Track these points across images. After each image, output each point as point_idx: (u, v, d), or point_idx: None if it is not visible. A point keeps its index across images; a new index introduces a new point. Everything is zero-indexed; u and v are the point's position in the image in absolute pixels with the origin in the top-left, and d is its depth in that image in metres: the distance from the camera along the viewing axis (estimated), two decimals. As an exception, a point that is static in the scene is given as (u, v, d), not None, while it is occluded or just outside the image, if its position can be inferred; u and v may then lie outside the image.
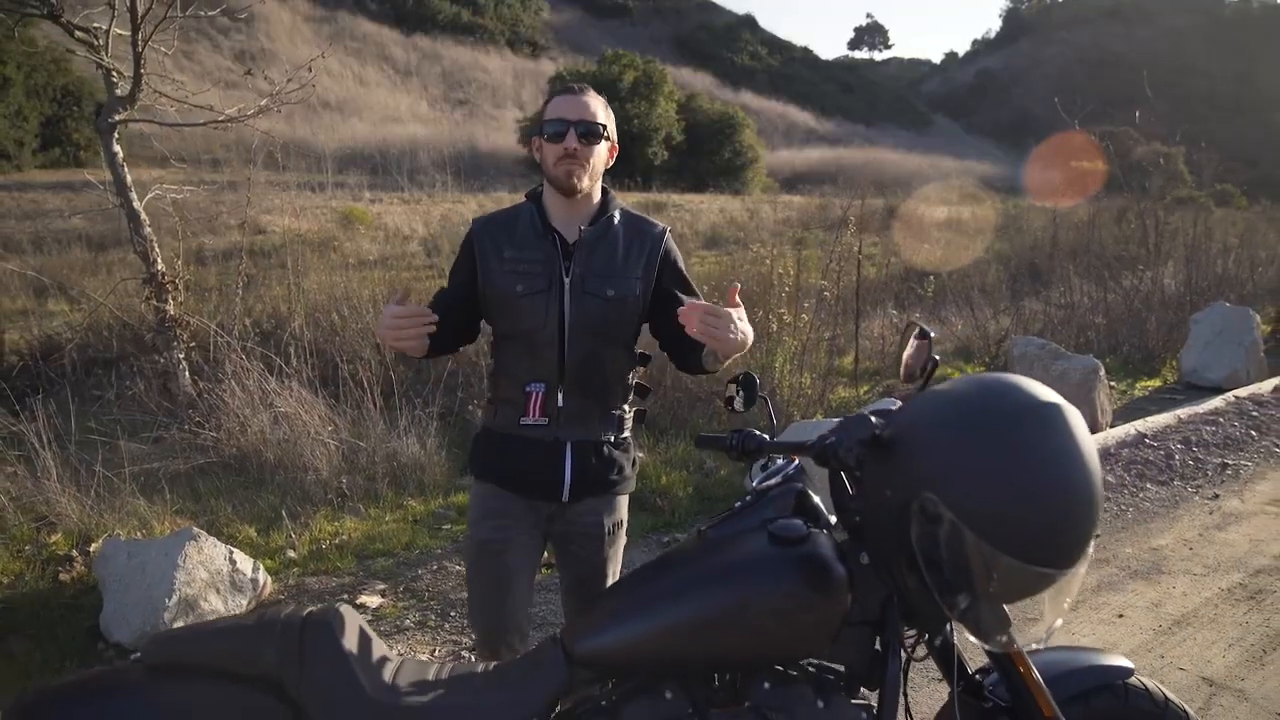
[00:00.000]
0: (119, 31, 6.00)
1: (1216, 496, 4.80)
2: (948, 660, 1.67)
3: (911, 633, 1.64)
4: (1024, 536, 1.25)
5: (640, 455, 2.59)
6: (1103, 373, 5.85)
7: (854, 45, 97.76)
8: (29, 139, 26.33)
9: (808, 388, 5.72)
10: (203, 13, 6.75)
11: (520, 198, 2.26)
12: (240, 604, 3.55)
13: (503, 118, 42.71)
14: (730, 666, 1.53)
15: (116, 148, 6.05)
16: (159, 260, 6.17)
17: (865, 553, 1.55)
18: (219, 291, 7.78)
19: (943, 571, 1.31)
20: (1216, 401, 6.50)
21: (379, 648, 1.58)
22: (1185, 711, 1.76)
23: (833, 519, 1.65)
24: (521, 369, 2.11)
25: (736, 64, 64.64)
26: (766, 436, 1.86)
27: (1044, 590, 1.34)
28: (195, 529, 3.54)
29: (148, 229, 6.13)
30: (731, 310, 1.84)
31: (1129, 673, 1.74)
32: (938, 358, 1.61)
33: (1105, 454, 5.35)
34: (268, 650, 1.46)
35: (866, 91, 69.64)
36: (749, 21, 73.96)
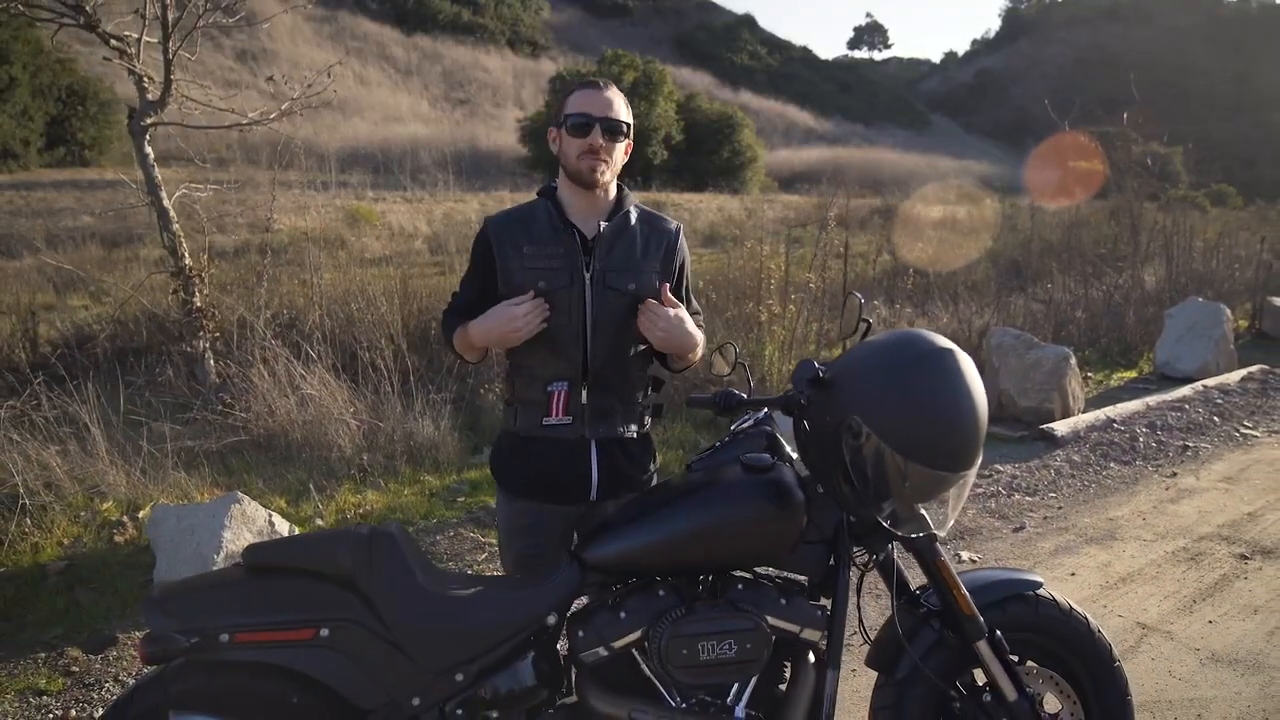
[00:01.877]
0: (148, 39, 6.39)
1: (1174, 475, 5.18)
2: (890, 575, 2.05)
3: (862, 551, 2.02)
4: (924, 446, 1.65)
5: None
6: (1073, 361, 6.23)
7: (853, 45, 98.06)
8: (34, 138, 26.70)
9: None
10: (227, 22, 7.12)
11: (522, 197, 2.40)
12: (279, 563, 3.93)
13: (503, 117, 43.06)
14: (711, 569, 1.92)
15: (148, 149, 6.44)
16: (186, 254, 6.56)
17: (820, 483, 1.93)
18: (240, 285, 8.15)
19: (867, 479, 1.70)
20: (1185, 390, 6.89)
21: (428, 559, 1.97)
22: (1086, 619, 2.15)
23: (795, 456, 2.04)
24: (543, 368, 2.12)
25: (736, 64, 64.94)
26: (744, 395, 2.25)
27: (945, 490, 1.73)
28: (239, 494, 3.92)
29: (176, 225, 6.52)
30: (668, 309, 2.06)
31: (1038, 585, 2.13)
32: (869, 319, 2.00)
33: (1075, 436, 5.74)
34: (343, 554, 1.84)
35: (865, 91, 69.96)
36: (748, 21, 74.23)
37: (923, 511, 1.83)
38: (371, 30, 50.89)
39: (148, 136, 6.43)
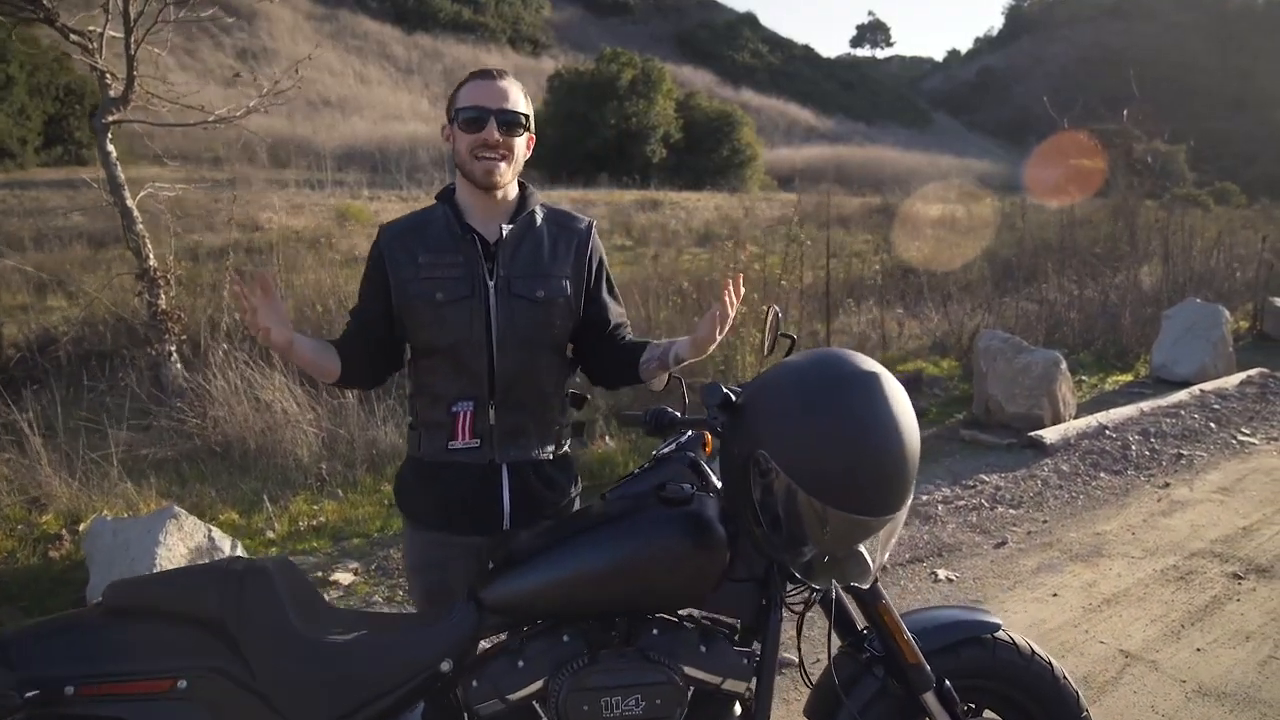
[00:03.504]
0: (113, 34, 6.19)
1: (1167, 485, 4.97)
2: (830, 614, 1.85)
3: (799, 589, 1.82)
4: (840, 486, 1.43)
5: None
6: (1064, 366, 6.02)
7: (856, 43, 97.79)
8: (32, 137, 26.55)
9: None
10: (195, 16, 6.92)
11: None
12: (219, 580, 3.73)
13: (504, 115, 42.84)
14: (625, 612, 1.72)
15: (110, 147, 6.25)
16: (151, 256, 6.37)
17: (735, 521, 1.72)
18: (212, 287, 7.97)
19: (779, 521, 1.49)
20: (1181, 395, 6.67)
21: (312, 595, 1.77)
22: (1050, 663, 1.94)
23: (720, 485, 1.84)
24: (446, 387, 1.96)
25: (737, 62, 64.73)
26: (678, 414, 2.05)
27: (868, 536, 1.52)
28: (176, 508, 3.73)
29: (140, 225, 6.34)
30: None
31: (996, 627, 1.92)
32: (794, 336, 1.79)
33: (1065, 444, 5.53)
34: (210, 593, 1.64)
35: (867, 89, 69.72)
36: (750, 19, 74.06)
37: (862, 551, 1.62)
38: (372, 29, 50.68)
39: (110, 134, 6.25)
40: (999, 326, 7.98)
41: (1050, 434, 5.58)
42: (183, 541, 3.64)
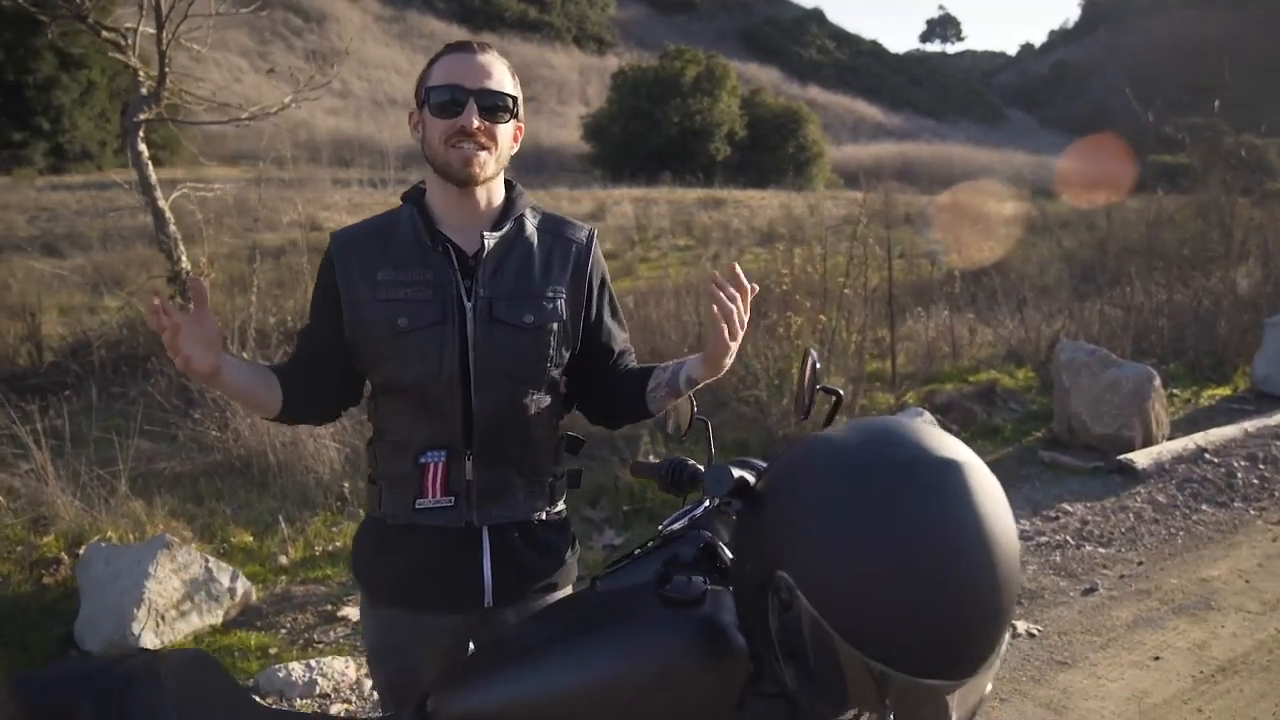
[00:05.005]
0: (147, 30, 6.00)
1: (1281, 520, 4.39)
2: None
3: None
4: (898, 639, 0.96)
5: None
6: (1158, 382, 5.43)
7: (925, 38, 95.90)
8: (110, 139, 27.28)
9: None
10: (233, 12, 6.71)
11: (582, 195, 1.79)
12: (217, 615, 3.44)
13: (567, 114, 42.93)
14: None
15: (141, 146, 6.07)
16: (183, 258, 6.18)
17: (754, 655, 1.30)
18: (258, 289, 7.79)
19: (809, 671, 1.04)
20: (1289, 413, 6.01)
21: (234, 697, 1.40)
22: None
23: None
24: (412, 433, 1.60)
25: (804, 58, 63.97)
26: (700, 467, 1.65)
27: (939, 699, 1.05)
28: (169, 536, 3.44)
29: (172, 227, 6.14)
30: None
31: None
32: (839, 390, 1.35)
33: (1159, 470, 4.96)
34: (85, 703, 1.29)
35: (937, 84, 68.28)
36: (817, 15, 73.15)
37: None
38: (439, 29, 51.18)
39: (141, 133, 6.06)
40: (1080, 334, 7.37)
41: (1142, 458, 5.01)
42: (176, 573, 3.34)
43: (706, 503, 1.48)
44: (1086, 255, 11.72)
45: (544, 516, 1.69)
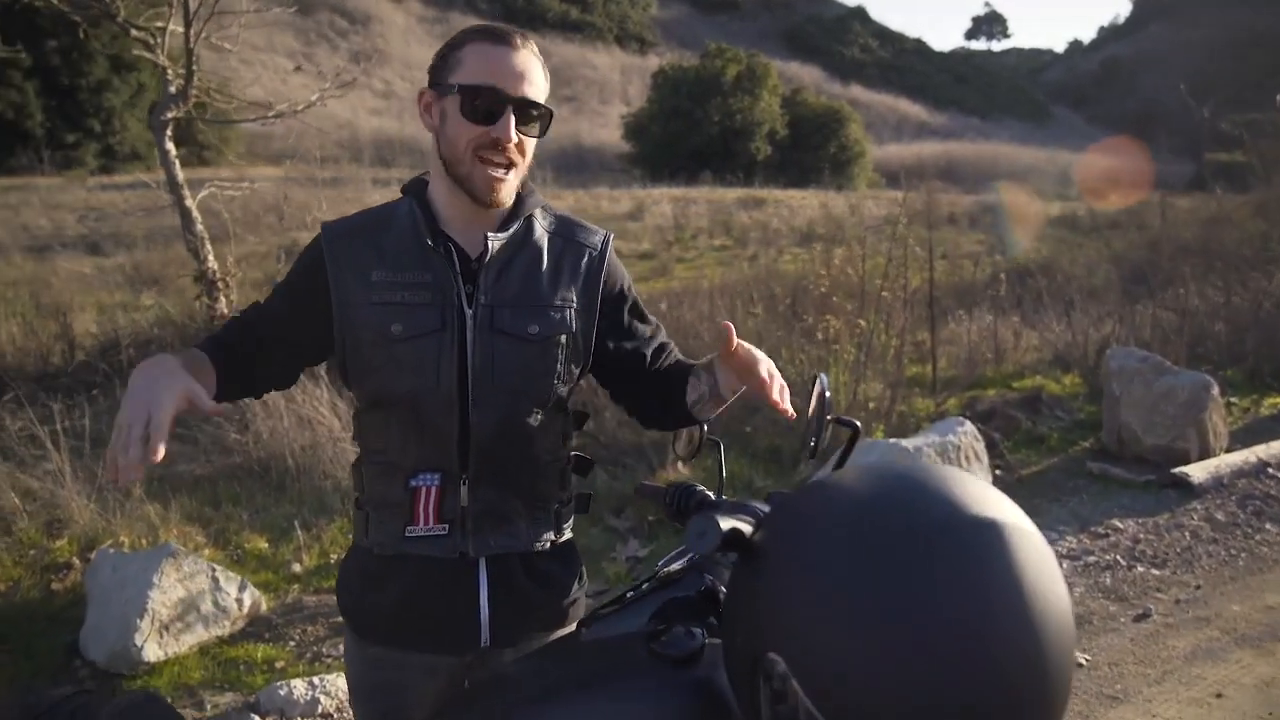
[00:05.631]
0: (175, 28, 5.97)
1: (1350, 540, 4.10)
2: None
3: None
4: None
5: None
6: (1215, 390, 5.14)
7: (971, 35, 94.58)
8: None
9: (873, 399, 5.22)
10: (265, 8, 6.67)
11: (621, 195, 1.61)
12: (224, 626, 3.33)
13: (608, 114, 42.96)
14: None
15: (169, 145, 6.04)
16: (210, 258, 6.13)
17: None
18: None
19: None
20: (1357, 424, 5.68)
21: None
22: None
23: None
24: (403, 453, 1.45)
25: (846, 57, 63.41)
26: (709, 494, 1.48)
27: None
28: (174, 545, 3.34)
29: (199, 226, 6.10)
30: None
31: None
32: (857, 424, 1.15)
33: (1217, 485, 4.68)
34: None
35: (982, 83, 67.29)
36: (860, 13, 72.47)
37: None
38: (480, 29, 51.37)
39: (168, 132, 6.02)
40: (1131, 339, 7.07)
41: (1198, 471, 4.74)
42: (181, 583, 3.24)
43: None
44: (1137, 256, 11.34)
45: (548, 546, 1.53)
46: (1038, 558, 0.79)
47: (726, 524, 0.90)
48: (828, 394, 1.08)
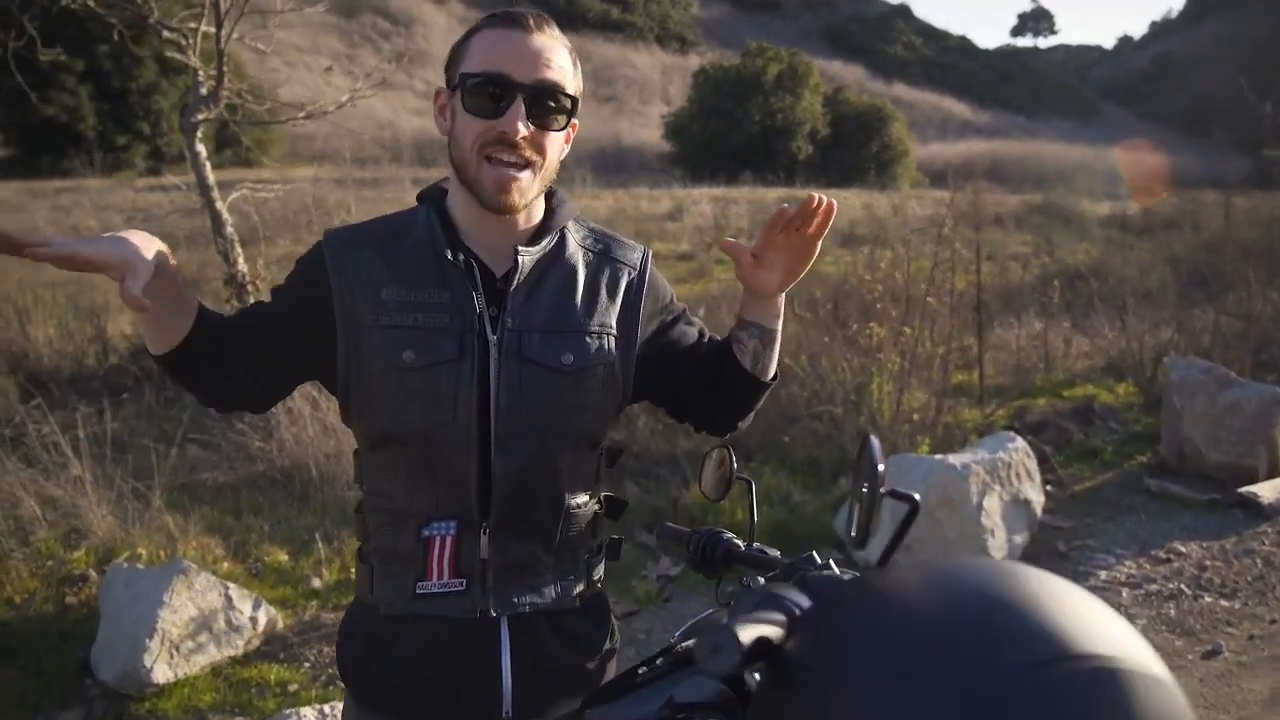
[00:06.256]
0: (208, 29, 5.90)
1: None
2: None
3: None
4: None
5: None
6: (1286, 403, 4.84)
7: (1017, 32, 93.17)
8: (206, 141, 28.24)
9: (917, 409, 4.99)
10: (297, 8, 6.60)
11: (661, 196, 1.45)
12: (237, 645, 3.22)
13: (649, 113, 42.87)
14: None
15: (200, 146, 5.98)
16: (240, 260, 6.07)
17: None
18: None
19: None
20: None
21: None
22: None
23: None
24: (414, 498, 1.27)
25: (889, 55, 62.79)
26: (740, 543, 1.29)
27: None
28: (186, 562, 3.23)
29: (229, 229, 6.04)
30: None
31: None
32: (915, 498, 0.92)
33: (1286, 504, 4.40)
34: None
35: (1028, 80, 66.23)
36: (904, 11, 71.75)
37: None
38: (520, 30, 51.60)
39: (199, 134, 5.96)
40: (1190, 347, 6.75)
41: (1269, 491, 4.45)
42: (193, 601, 3.13)
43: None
44: (1194, 258, 10.92)
45: (576, 602, 1.36)
46: (1171, 711, 0.57)
47: (748, 634, 0.71)
48: (880, 463, 0.86)
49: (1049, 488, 4.66)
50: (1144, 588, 3.63)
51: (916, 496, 0.77)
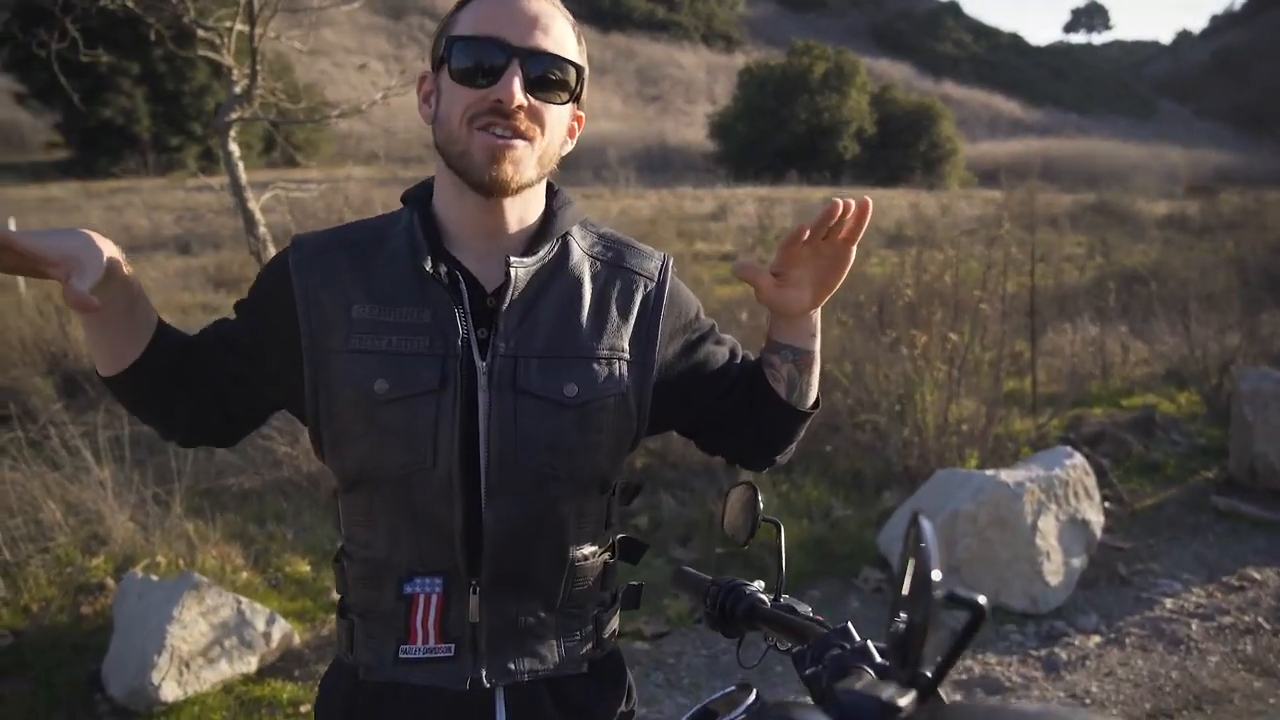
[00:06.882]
0: (242, 29, 5.85)
1: None
2: None
3: None
4: None
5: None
6: (1367, 418, 4.53)
7: (1070, 28, 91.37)
8: (255, 142, 28.71)
9: (965, 420, 4.75)
10: (327, 7, 6.53)
11: (705, 195, 1.27)
12: (250, 662, 3.10)
13: (694, 113, 42.63)
14: None
15: (233, 146, 5.93)
16: (273, 260, 6.02)
17: None
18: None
19: None
20: None
21: None
22: None
23: None
24: (395, 549, 1.11)
25: (938, 52, 61.92)
26: (765, 597, 1.13)
27: None
28: (197, 576, 3.12)
29: (263, 229, 5.98)
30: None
31: None
32: (979, 601, 0.74)
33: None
34: None
35: (1081, 77, 64.86)
36: (953, 8, 70.76)
37: None
38: (567, 30, 51.73)
39: (232, 133, 5.90)
40: (1259, 355, 6.40)
41: (1349, 512, 4.16)
42: (204, 617, 3.02)
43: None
44: (1261, 259, 10.46)
45: (585, 666, 1.18)
46: None
47: None
48: (933, 554, 0.66)
49: (1107, 504, 4.39)
50: (1216, 620, 3.36)
51: (982, 600, 0.58)
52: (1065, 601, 3.48)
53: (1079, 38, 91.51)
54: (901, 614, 0.62)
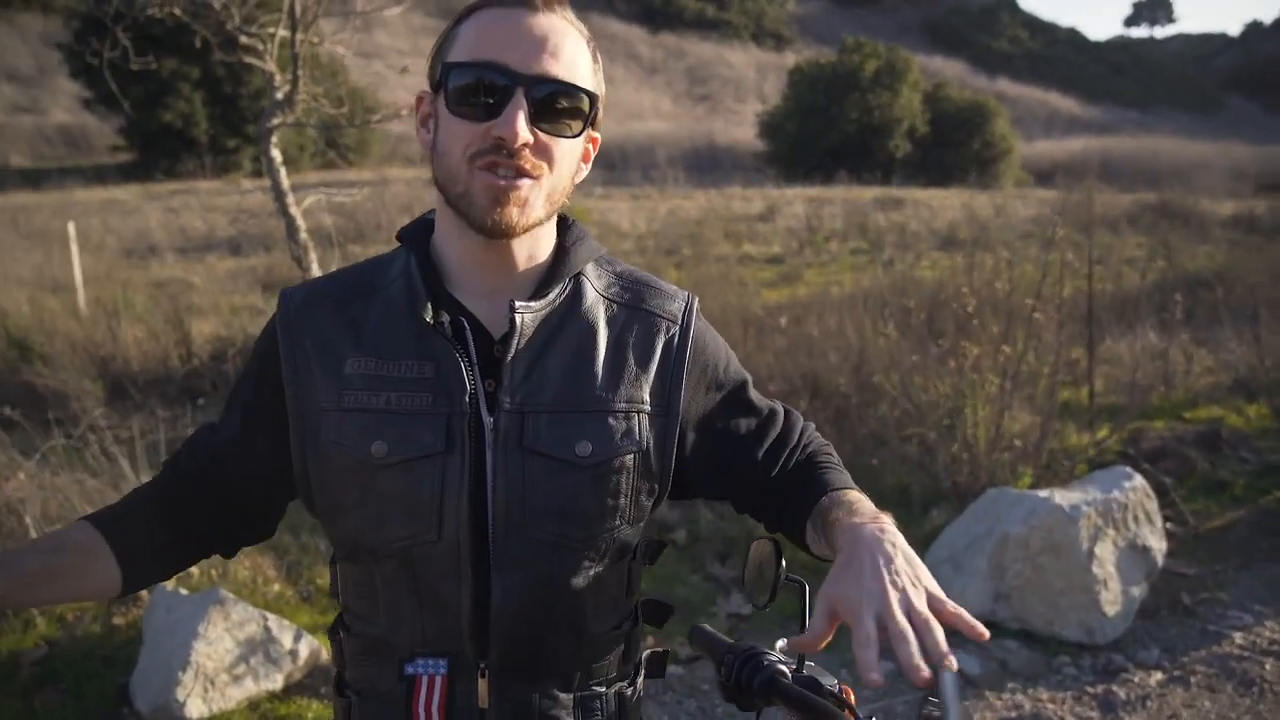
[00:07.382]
0: (284, 34, 5.86)
1: None
2: None
3: None
4: None
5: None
6: None
7: (1131, 22, 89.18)
8: (309, 144, 29.22)
9: (1018, 434, 4.56)
10: (372, 11, 6.52)
11: (754, 194, 1.14)
12: (276, 680, 3.05)
13: (744, 112, 42.42)
14: None
15: (275, 152, 5.94)
16: (314, 265, 6.01)
17: None
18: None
19: None
20: None
21: None
22: None
23: None
24: (396, 627, 1.01)
25: (993, 49, 60.90)
26: (786, 669, 1.00)
27: None
28: (222, 591, 3.08)
29: (304, 234, 5.99)
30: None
31: None
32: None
33: None
34: None
35: (1141, 72, 63.25)
36: (1008, 3, 69.46)
37: None
38: (619, 30, 51.88)
39: (274, 138, 5.91)
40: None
41: None
42: (230, 633, 2.98)
43: None
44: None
45: None
46: None
47: None
48: (953, 702, 0.56)
49: (1168, 526, 4.17)
50: (1272, 650, 3.16)
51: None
52: (1124, 633, 3.29)
53: (1140, 32, 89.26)
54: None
